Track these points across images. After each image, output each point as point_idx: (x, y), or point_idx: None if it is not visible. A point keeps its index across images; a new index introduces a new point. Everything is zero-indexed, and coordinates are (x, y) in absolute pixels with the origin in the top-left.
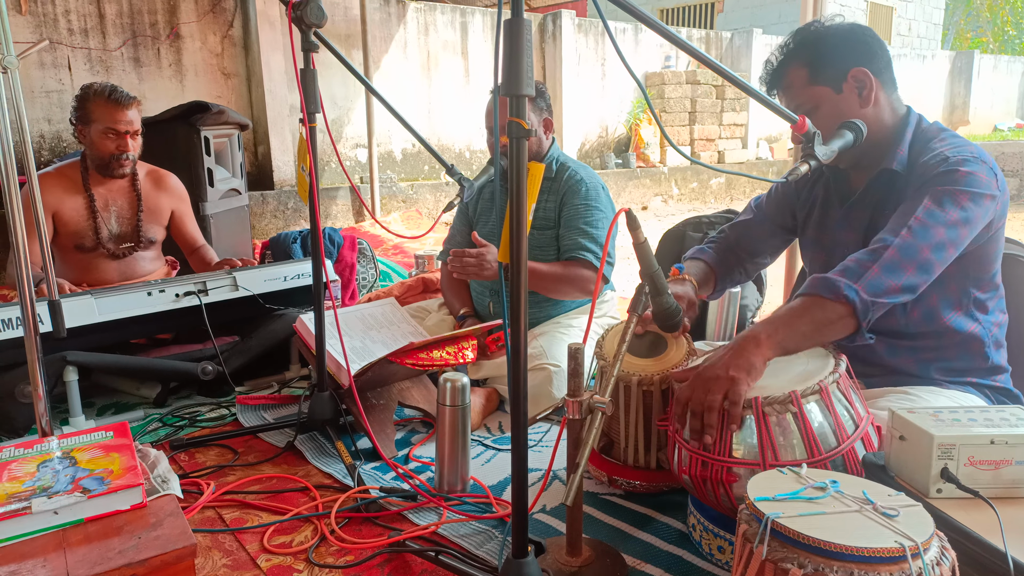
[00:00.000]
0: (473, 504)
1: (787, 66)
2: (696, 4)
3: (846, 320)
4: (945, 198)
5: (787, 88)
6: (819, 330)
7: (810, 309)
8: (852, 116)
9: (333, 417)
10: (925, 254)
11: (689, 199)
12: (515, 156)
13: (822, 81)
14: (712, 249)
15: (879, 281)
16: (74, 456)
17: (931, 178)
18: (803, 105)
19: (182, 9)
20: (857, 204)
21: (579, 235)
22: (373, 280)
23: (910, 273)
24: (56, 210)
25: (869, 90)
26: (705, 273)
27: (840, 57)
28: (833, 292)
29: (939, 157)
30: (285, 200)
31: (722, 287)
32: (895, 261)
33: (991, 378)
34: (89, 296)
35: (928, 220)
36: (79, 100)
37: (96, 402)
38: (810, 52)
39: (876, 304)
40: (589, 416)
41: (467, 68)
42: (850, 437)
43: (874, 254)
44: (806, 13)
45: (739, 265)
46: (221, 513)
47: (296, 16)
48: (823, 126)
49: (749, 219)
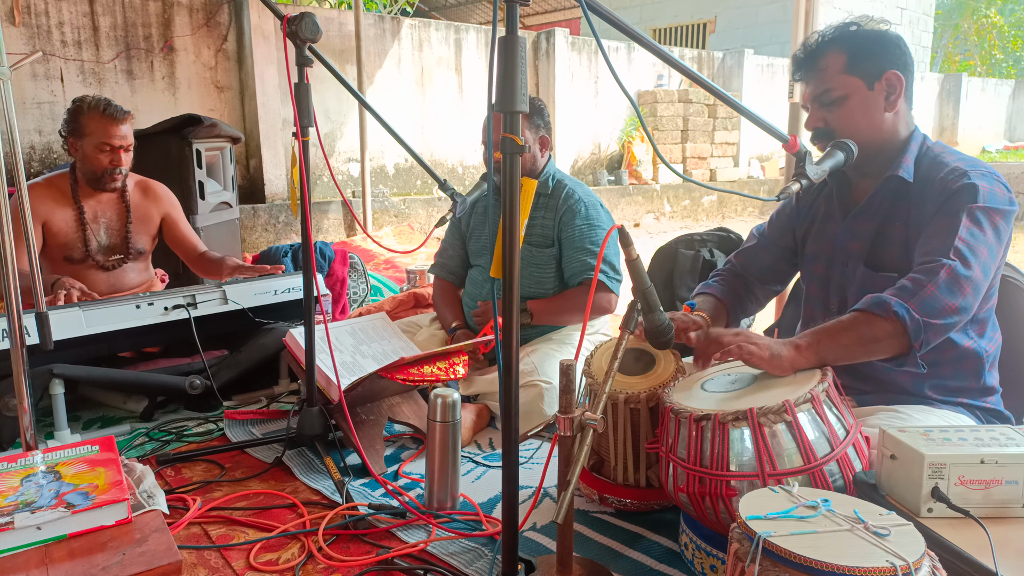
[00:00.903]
0: (463, 522)
1: (827, 49)
2: (688, 24)
3: (896, 340)
4: (981, 216)
5: (821, 71)
6: (864, 346)
7: (857, 324)
8: (876, 116)
9: (322, 433)
10: (977, 274)
11: (681, 216)
12: (508, 172)
13: (858, 73)
14: (717, 282)
15: (934, 300)
16: (59, 470)
17: (954, 192)
18: (832, 91)
19: (176, 23)
20: (863, 213)
21: (587, 255)
22: (364, 295)
23: (965, 294)
24: (46, 221)
25: (897, 96)
26: (715, 307)
27: (880, 56)
28: (883, 309)
29: (957, 172)
30: (276, 214)
31: (735, 317)
32: (951, 281)
33: (982, 399)
34: (77, 308)
35: (972, 241)
36: (72, 113)
37: (82, 416)
38: (852, 42)
39: (930, 325)
40: (580, 433)
41: (461, 84)
42: (842, 443)
43: (929, 274)
44: (797, 35)
45: (749, 293)
46: (207, 529)
47: (291, 31)
48: (845, 119)
49: (753, 245)
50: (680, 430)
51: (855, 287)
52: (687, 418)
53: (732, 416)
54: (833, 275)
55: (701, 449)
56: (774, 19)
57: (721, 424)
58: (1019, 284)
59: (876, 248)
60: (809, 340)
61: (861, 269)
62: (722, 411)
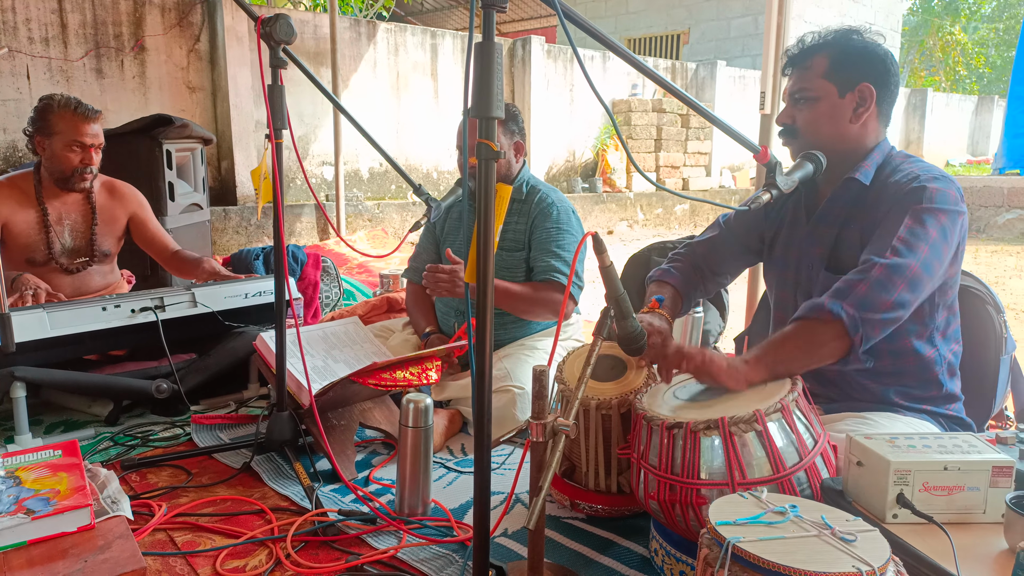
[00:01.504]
0: (434, 528)
1: (817, 51)
2: (663, 35)
3: (837, 340)
4: (925, 216)
5: (804, 69)
6: (810, 351)
7: (800, 331)
8: (840, 124)
9: (292, 438)
10: (914, 270)
11: (654, 224)
12: (483, 177)
13: (834, 79)
14: (677, 270)
15: (868, 296)
16: (18, 476)
17: (905, 194)
18: (807, 91)
19: (148, 22)
20: (823, 217)
21: (551, 258)
22: (337, 299)
23: (901, 289)
24: (6, 222)
25: (864, 110)
26: (674, 298)
27: (860, 67)
28: (819, 311)
29: (910, 175)
30: (248, 216)
31: (686, 307)
32: (884, 278)
33: (945, 406)
34: (41, 310)
35: (911, 238)
36: (39, 112)
37: (44, 419)
38: (839, 49)
39: (867, 320)
40: (552, 439)
41: (436, 89)
42: (811, 452)
43: (862, 273)
44: (769, 48)
45: (701, 283)
46: (173, 536)
47: (265, 32)
48: (810, 120)
49: (715, 236)
50: (652, 437)
51: (818, 291)
52: (659, 425)
53: (704, 424)
54: (800, 279)
55: (672, 456)
56: (746, 32)
57: (693, 432)
58: (979, 294)
59: (836, 252)
60: (757, 354)
61: (822, 273)
62: (694, 419)
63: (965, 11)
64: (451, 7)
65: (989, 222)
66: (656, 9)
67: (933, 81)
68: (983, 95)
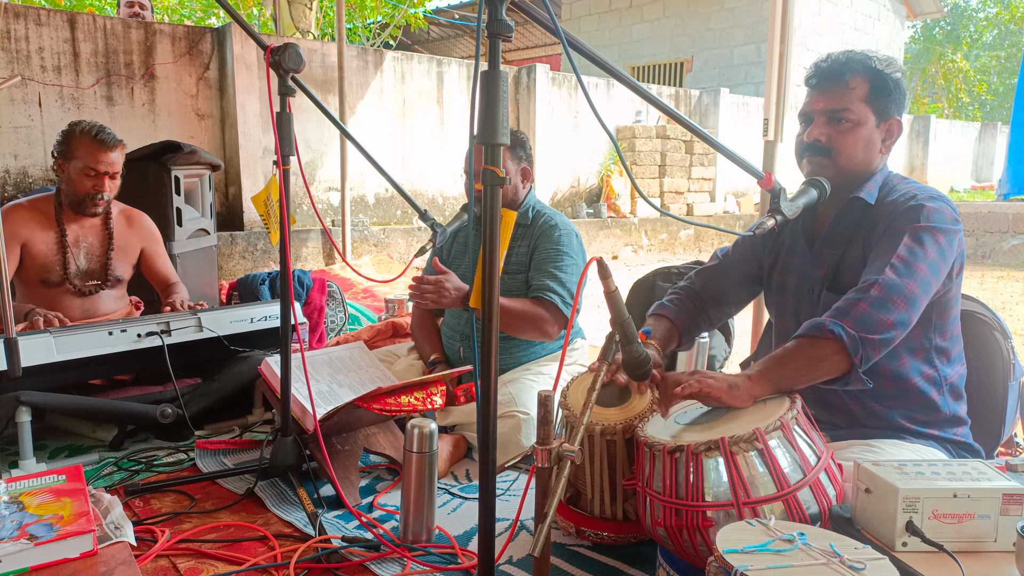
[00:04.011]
0: (438, 555)
1: (854, 71)
2: (666, 63)
3: (837, 356)
4: (923, 235)
5: (845, 88)
6: (811, 367)
7: (801, 348)
8: (872, 152)
9: (296, 463)
10: (913, 289)
11: (659, 249)
12: (488, 203)
13: (873, 106)
14: (672, 303)
15: (868, 316)
16: (22, 501)
17: (901, 213)
18: (847, 111)
19: (158, 50)
20: (828, 239)
21: (547, 277)
22: (342, 323)
23: (900, 308)
24: (25, 242)
25: (891, 142)
26: (668, 330)
27: (893, 99)
28: (820, 330)
29: (907, 195)
30: (254, 241)
31: (688, 338)
32: (883, 297)
33: (951, 431)
34: (47, 334)
35: (910, 257)
36: (65, 135)
37: (49, 444)
38: (876, 77)
39: (867, 340)
40: (558, 465)
41: (442, 116)
42: (814, 468)
43: (861, 292)
44: (771, 75)
45: (702, 313)
46: (175, 562)
47: (274, 61)
48: (850, 144)
49: (715, 266)
50: (655, 463)
51: (819, 312)
52: (661, 451)
53: (704, 446)
54: (802, 305)
55: (676, 481)
56: (748, 60)
57: (695, 455)
58: (986, 320)
59: (839, 272)
60: (760, 369)
61: (824, 293)
62: (695, 442)
63: (967, 39)
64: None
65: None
66: (659, 38)
67: (936, 108)
68: (986, 121)
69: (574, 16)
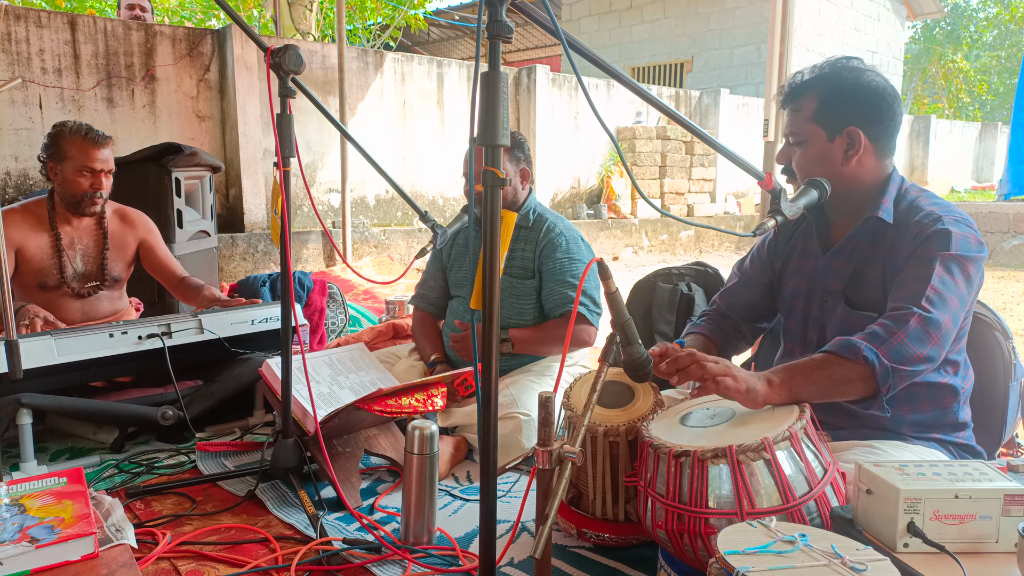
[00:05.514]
0: (439, 557)
1: (807, 91)
2: (666, 64)
3: (864, 382)
4: (953, 265)
5: (794, 111)
6: (834, 386)
7: (829, 364)
8: (832, 167)
9: (297, 465)
10: (947, 325)
11: (659, 250)
12: (489, 204)
13: (822, 123)
14: (705, 321)
15: (904, 348)
16: (23, 503)
17: (928, 237)
18: (797, 135)
19: (159, 52)
20: (841, 252)
21: (568, 288)
22: (343, 325)
23: (934, 344)
24: (20, 246)
25: (855, 152)
26: (704, 343)
27: (847, 110)
28: (853, 353)
29: (932, 216)
30: (255, 243)
31: (727, 355)
32: (921, 331)
33: (955, 434)
34: (48, 337)
35: (944, 290)
36: (52, 137)
37: (50, 446)
38: (828, 89)
39: (898, 371)
40: (559, 466)
41: (443, 117)
42: (821, 481)
43: (899, 322)
44: (771, 76)
45: (736, 332)
46: (177, 565)
47: (274, 63)
48: (803, 163)
49: (735, 284)
50: (659, 465)
51: (835, 324)
52: (666, 454)
53: (711, 453)
54: (812, 310)
55: (680, 485)
56: (749, 61)
57: (700, 461)
58: (987, 320)
59: (856, 288)
60: (782, 377)
61: (841, 307)
62: (701, 448)
63: (967, 39)
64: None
65: (995, 248)
66: (660, 38)
67: (936, 108)
68: (986, 121)
69: (574, 17)
